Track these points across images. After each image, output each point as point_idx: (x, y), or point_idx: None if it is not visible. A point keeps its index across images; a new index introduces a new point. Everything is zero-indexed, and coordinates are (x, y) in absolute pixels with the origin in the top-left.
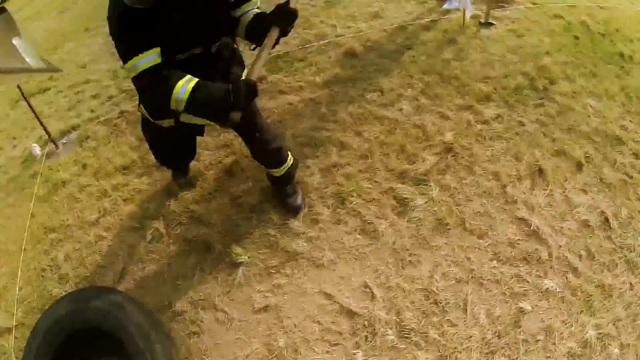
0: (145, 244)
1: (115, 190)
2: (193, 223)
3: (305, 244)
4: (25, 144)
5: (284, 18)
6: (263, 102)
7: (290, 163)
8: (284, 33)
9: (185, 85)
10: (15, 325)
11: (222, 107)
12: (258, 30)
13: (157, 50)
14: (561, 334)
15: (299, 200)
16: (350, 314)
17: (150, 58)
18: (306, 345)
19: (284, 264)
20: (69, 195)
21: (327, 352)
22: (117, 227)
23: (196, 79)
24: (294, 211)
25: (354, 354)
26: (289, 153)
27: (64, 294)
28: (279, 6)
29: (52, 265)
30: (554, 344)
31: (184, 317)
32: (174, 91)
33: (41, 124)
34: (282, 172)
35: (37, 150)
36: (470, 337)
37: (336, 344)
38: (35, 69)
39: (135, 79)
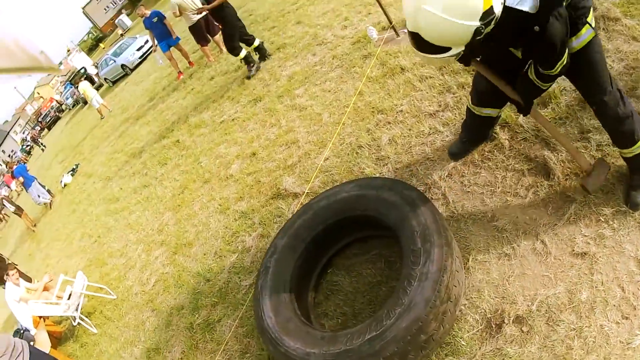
0: (481, 150)
1: (461, 88)
2: (538, 143)
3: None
4: (357, 26)
5: None
6: (617, 43)
7: None
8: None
9: None
10: (307, 193)
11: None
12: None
13: None
14: None
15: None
16: None
17: None
18: (603, 308)
19: (614, 216)
20: (406, 82)
21: (617, 322)
22: (455, 123)
23: None
24: (632, 206)
25: (636, 335)
26: None
27: (376, 175)
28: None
29: (371, 144)
30: None
31: (503, 235)
32: None
33: (383, 9)
34: (630, 156)
35: (373, 33)
36: None
37: (626, 318)
38: (33, 67)
39: None
